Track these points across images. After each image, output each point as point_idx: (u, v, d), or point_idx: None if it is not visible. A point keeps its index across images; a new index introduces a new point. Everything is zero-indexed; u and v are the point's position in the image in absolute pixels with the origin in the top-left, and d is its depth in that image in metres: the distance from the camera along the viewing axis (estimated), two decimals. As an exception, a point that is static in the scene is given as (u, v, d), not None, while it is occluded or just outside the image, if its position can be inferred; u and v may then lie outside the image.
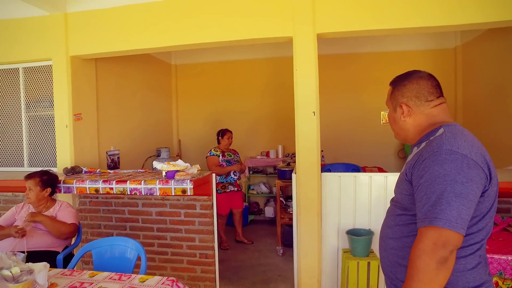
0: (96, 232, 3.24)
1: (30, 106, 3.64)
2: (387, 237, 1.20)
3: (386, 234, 1.21)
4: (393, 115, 1.26)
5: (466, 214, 0.96)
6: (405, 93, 1.19)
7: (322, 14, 2.83)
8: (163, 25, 3.14)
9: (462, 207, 0.95)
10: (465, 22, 2.63)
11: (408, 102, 1.18)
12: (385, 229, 1.24)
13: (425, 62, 4.91)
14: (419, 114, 1.17)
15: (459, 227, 0.94)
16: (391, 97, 1.26)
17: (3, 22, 3.47)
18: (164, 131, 5.46)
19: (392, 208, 1.23)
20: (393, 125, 1.28)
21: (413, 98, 1.18)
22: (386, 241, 1.20)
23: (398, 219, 1.16)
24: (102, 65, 3.82)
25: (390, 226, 1.20)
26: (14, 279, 1.34)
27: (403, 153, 5.00)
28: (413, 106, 1.18)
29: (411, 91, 1.18)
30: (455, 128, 1.10)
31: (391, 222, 1.20)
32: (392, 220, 1.20)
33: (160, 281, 1.66)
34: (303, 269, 2.94)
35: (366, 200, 2.88)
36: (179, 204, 3.02)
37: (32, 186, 2.52)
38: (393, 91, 1.25)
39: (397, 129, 1.26)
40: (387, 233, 1.21)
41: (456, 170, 0.97)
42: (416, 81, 1.18)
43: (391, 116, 1.28)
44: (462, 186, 0.96)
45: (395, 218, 1.18)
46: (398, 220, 1.16)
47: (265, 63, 5.46)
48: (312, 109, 2.86)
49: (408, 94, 1.18)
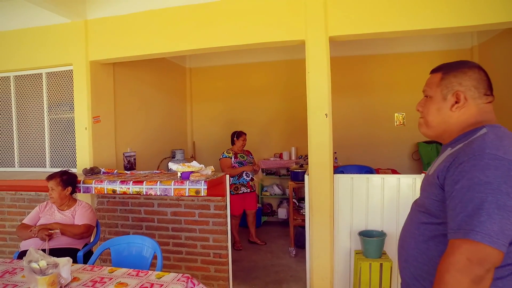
0: (113, 231, 3.34)
1: (52, 109, 3.80)
2: (409, 247, 1.07)
3: (408, 244, 1.08)
4: (440, 104, 1.07)
5: (510, 229, 0.82)
6: (465, 81, 1.03)
7: (334, 17, 2.85)
8: (178, 30, 3.23)
9: (505, 221, 0.82)
10: (479, 23, 2.61)
11: (466, 92, 1.02)
12: (407, 238, 1.10)
13: (441, 63, 4.83)
14: (472, 107, 1.02)
15: (501, 244, 0.81)
16: (441, 83, 1.07)
17: (28, 31, 3.64)
18: (179, 133, 5.57)
19: (416, 214, 1.08)
20: (434, 115, 1.09)
21: (472, 88, 1.02)
22: (408, 251, 1.07)
23: (424, 227, 1.03)
24: (119, 69, 3.95)
25: (413, 236, 1.06)
26: (41, 272, 1.43)
27: (417, 155, 4.95)
28: (470, 97, 1.02)
29: (472, 80, 1.02)
30: (500, 130, 0.97)
31: (414, 231, 1.06)
32: (416, 228, 1.06)
33: (176, 278, 1.73)
34: (316, 270, 2.96)
35: (378, 201, 2.89)
36: (194, 204, 3.09)
37: (54, 186, 2.64)
38: (444, 77, 1.07)
39: (437, 121, 1.08)
40: (410, 243, 1.07)
41: (501, 178, 0.84)
42: (478, 70, 1.04)
43: (433, 105, 1.09)
44: (507, 197, 0.83)
45: (420, 227, 1.04)
46: (424, 229, 1.03)
47: (278, 66, 5.50)
48: (325, 111, 2.89)
49: (468, 83, 1.03)
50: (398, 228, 2.85)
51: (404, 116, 4.98)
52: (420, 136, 4.87)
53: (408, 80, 5.02)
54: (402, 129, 4.99)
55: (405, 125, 4.97)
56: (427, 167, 4.61)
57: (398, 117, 4.96)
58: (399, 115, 4.93)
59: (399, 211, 2.85)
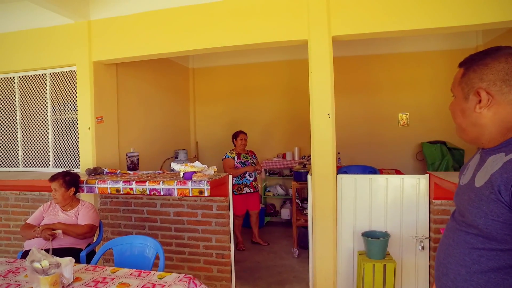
0: (116, 231, 3.35)
1: (56, 110, 3.82)
2: (458, 277, 0.87)
3: (457, 272, 0.87)
4: (462, 105, 0.92)
5: None
6: (486, 75, 0.86)
7: (337, 16, 2.84)
8: (181, 30, 3.23)
9: None
10: (484, 22, 2.58)
11: (490, 88, 0.86)
12: (453, 265, 0.89)
13: (445, 63, 4.82)
14: (505, 106, 0.85)
15: None
16: (461, 81, 0.92)
17: (32, 32, 3.66)
18: (182, 133, 5.58)
19: (463, 236, 0.88)
20: (460, 118, 0.94)
21: (498, 82, 0.85)
22: (457, 283, 0.87)
23: (479, 254, 0.83)
24: (122, 70, 3.96)
25: (463, 263, 0.86)
26: (43, 271, 1.43)
27: (421, 155, 4.91)
28: (496, 93, 0.85)
29: (497, 73, 0.85)
30: None
31: (464, 257, 0.86)
32: (466, 254, 0.86)
33: (178, 278, 1.72)
34: (319, 271, 2.94)
35: (382, 202, 2.87)
36: (196, 204, 3.08)
37: (57, 187, 2.65)
38: (465, 73, 0.91)
39: (465, 124, 0.92)
40: (459, 271, 0.87)
41: None
42: (505, 59, 0.85)
43: (457, 107, 0.94)
44: None
45: (472, 253, 0.84)
46: (479, 256, 0.83)
47: (281, 66, 5.49)
48: (328, 111, 2.88)
49: (491, 77, 0.86)
50: (401, 229, 2.84)
51: (408, 116, 4.96)
52: (424, 136, 4.86)
53: (411, 80, 4.99)
54: (406, 129, 4.97)
55: (409, 125, 4.96)
56: (431, 167, 4.58)
57: (402, 117, 4.95)
58: (403, 115, 4.91)
59: (403, 211, 2.83)
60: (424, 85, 4.93)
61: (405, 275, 2.84)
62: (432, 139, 4.75)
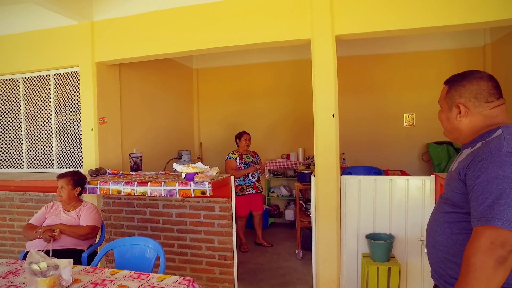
0: (119, 232, 3.34)
1: (59, 111, 3.83)
2: (436, 234, 1.21)
3: (435, 231, 1.22)
4: (448, 114, 1.24)
5: None
6: (463, 93, 1.18)
7: (341, 15, 2.80)
8: (183, 30, 3.21)
9: None
10: (493, 19, 2.51)
11: (467, 103, 1.17)
12: (433, 226, 1.24)
13: (452, 62, 4.74)
14: (477, 115, 1.17)
15: None
16: (446, 96, 1.24)
17: (36, 33, 3.68)
18: (185, 134, 5.57)
19: (441, 205, 1.23)
20: (446, 123, 1.27)
21: (472, 99, 1.17)
22: (435, 238, 1.21)
23: (448, 216, 1.17)
24: (125, 70, 3.96)
25: (439, 224, 1.20)
26: (41, 273, 1.42)
27: (427, 156, 4.84)
28: (471, 107, 1.17)
29: (471, 92, 1.17)
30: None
31: (440, 219, 1.20)
32: (441, 217, 1.20)
33: (177, 281, 1.70)
34: (322, 273, 2.90)
35: (386, 204, 2.82)
36: (199, 205, 3.07)
37: (64, 184, 2.66)
38: (449, 91, 1.23)
39: (449, 127, 1.26)
40: (436, 230, 1.21)
41: None
42: (476, 81, 1.17)
43: (444, 115, 1.27)
44: None
45: (445, 216, 1.18)
46: (448, 218, 1.17)
47: (286, 66, 5.46)
48: (331, 112, 2.84)
49: (467, 95, 1.17)
50: (407, 231, 2.78)
51: (414, 116, 4.88)
52: (430, 137, 4.79)
53: (417, 80, 4.92)
54: (412, 129, 4.90)
55: (415, 125, 4.88)
56: (437, 168, 4.50)
57: (407, 117, 4.87)
58: (408, 116, 4.83)
59: (407, 213, 2.78)
60: (430, 84, 4.84)
61: (410, 278, 2.79)
62: (439, 140, 4.68)
